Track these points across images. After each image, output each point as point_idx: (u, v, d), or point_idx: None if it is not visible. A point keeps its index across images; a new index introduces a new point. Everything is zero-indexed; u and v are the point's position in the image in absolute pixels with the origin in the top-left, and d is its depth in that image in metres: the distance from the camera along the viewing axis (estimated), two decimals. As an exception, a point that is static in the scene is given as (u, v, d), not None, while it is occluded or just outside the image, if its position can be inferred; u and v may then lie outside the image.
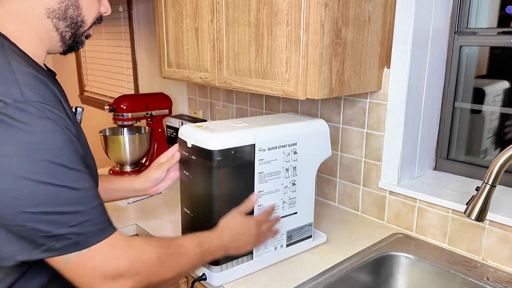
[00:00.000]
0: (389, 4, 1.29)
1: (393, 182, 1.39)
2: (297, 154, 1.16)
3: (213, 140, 1.01)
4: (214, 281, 1.08)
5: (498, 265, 1.18)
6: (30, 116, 0.67)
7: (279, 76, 1.22)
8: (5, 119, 0.66)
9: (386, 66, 1.35)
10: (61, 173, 0.69)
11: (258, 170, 1.08)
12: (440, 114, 1.46)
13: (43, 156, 0.68)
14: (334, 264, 1.17)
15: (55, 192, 0.68)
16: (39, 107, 0.68)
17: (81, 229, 0.70)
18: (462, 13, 1.37)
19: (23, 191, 0.66)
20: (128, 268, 0.74)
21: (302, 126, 1.19)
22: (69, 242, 0.69)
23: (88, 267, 0.71)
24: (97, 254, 0.72)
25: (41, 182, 0.67)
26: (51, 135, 0.69)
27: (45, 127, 0.68)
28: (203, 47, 1.49)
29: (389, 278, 1.26)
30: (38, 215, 0.67)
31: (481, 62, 1.39)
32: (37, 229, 0.68)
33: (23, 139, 0.66)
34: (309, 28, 1.13)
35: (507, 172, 1.29)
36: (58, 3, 0.80)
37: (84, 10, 0.85)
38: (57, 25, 0.82)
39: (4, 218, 0.67)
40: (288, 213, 1.18)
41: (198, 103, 2.16)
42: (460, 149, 1.45)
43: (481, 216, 1.02)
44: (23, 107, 0.67)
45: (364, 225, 1.43)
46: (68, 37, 0.85)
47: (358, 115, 1.46)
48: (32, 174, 0.67)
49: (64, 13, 0.82)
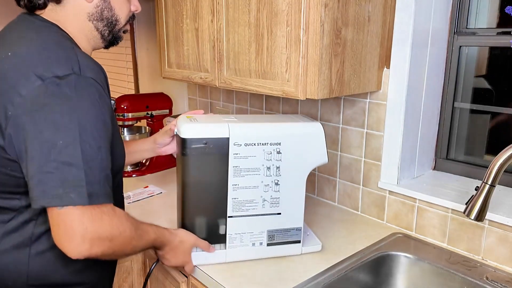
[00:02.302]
0: (389, 4, 1.30)
1: (392, 182, 1.40)
2: (281, 154, 1.15)
3: (186, 129, 1.08)
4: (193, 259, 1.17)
5: (498, 265, 1.19)
6: (82, 85, 0.83)
7: (279, 76, 1.23)
8: (63, 84, 0.81)
9: (386, 66, 1.35)
10: (92, 137, 0.82)
11: (232, 164, 1.11)
12: (440, 114, 1.46)
13: (82, 119, 0.81)
14: (334, 264, 1.18)
15: (83, 150, 0.80)
16: (91, 81, 0.85)
17: (92, 188, 0.81)
18: (462, 13, 1.37)
19: (59, 142, 0.79)
20: (106, 234, 0.84)
21: (290, 127, 1.16)
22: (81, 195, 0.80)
23: (76, 221, 0.80)
24: (89, 213, 0.81)
25: (75, 138, 0.80)
26: (93, 106, 0.84)
27: (91, 98, 0.84)
28: (203, 47, 1.49)
29: (389, 277, 1.26)
30: (64, 165, 0.79)
31: (480, 62, 1.39)
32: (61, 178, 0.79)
33: (72, 102, 0.81)
34: (309, 28, 1.13)
35: (507, 172, 1.29)
36: (94, 7, 0.97)
37: (117, 11, 1.02)
38: (97, 25, 1.00)
39: (40, 164, 0.79)
40: (270, 212, 1.18)
41: (198, 103, 2.16)
42: (459, 149, 1.46)
43: (480, 216, 1.03)
44: (78, 78, 0.83)
45: (363, 225, 1.43)
46: (107, 34, 1.03)
47: (358, 115, 1.46)
48: (69, 130, 0.80)
49: (101, 15, 0.99)
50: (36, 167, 0.79)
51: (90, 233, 0.81)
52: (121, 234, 0.87)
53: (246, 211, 1.17)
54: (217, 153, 1.10)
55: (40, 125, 0.80)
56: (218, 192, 1.14)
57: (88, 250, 0.81)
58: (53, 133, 0.79)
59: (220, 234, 1.17)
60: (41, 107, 0.80)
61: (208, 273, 1.14)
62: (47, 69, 0.82)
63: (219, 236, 1.17)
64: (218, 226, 1.17)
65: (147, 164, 2.00)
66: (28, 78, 0.81)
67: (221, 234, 1.17)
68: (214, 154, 1.10)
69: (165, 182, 1.84)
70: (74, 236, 0.80)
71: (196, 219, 1.16)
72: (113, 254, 0.88)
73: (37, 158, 0.79)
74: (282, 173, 1.17)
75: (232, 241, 1.17)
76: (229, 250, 1.18)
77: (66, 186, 0.79)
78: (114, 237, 0.85)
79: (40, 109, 0.80)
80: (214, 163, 1.11)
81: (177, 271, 1.30)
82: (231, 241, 1.17)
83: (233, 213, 1.16)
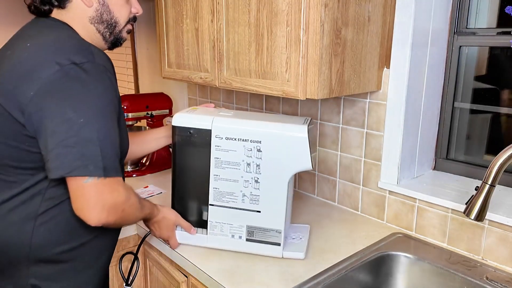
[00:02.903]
0: (389, 4, 1.30)
1: (392, 182, 1.40)
2: (261, 153, 1.16)
3: (176, 117, 1.21)
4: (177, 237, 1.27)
5: (498, 265, 1.19)
6: (97, 72, 0.93)
7: (279, 76, 1.23)
8: (80, 70, 0.91)
9: (386, 66, 1.35)
10: (106, 118, 0.93)
11: (214, 155, 1.19)
12: (440, 114, 1.46)
13: (97, 101, 0.92)
14: (334, 264, 1.18)
15: (99, 129, 0.90)
16: (104, 69, 0.95)
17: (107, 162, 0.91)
18: (462, 13, 1.37)
19: (80, 120, 0.88)
20: (120, 204, 0.94)
21: (271, 127, 1.15)
22: (98, 167, 0.89)
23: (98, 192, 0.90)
24: (107, 187, 0.91)
25: (92, 118, 0.90)
26: (107, 90, 0.94)
27: (104, 83, 0.94)
28: (203, 47, 1.49)
29: (389, 277, 1.26)
30: (83, 140, 0.88)
31: (480, 62, 1.39)
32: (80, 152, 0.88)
33: (89, 85, 0.91)
34: (309, 28, 1.13)
35: (507, 172, 1.29)
36: (94, 11, 1.05)
37: (116, 13, 1.08)
38: (98, 28, 1.07)
39: (61, 139, 0.88)
40: (249, 208, 1.20)
41: (198, 103, 2.16)
42: (459, 149, 1.46)
43: (480, 216, 1.03)
44: (93, 65, 0.93)
45: (363, 225, 1.43)
46: (108, 36, 1.10)
47: (358, 115, 1.46)
48: (88, 110, 0.90)
49: (100, 18, 1.06)
50: (57, 141, 0.88)
51: (108, 203, 0.91)
52: (131, 205, 0.99)
53: (226, 202, 1.22)
54: (201, 143, 1.19)
55: (61, 105, 0.89)
56: (201, 180, 1.22)
57: (106, 218, 0.92)
58: (73, 112, 0.88)
59: (203, 220, 1.24)
60: (62, 89, 0.89)
61: (208, 273, 1.14)
62: (64, 56, 0.91)
63: (202, 222, 1.25)
64: (202, 212, 1.24)
65: (147, 164, 2.00)
66: (47, 64, 0.90)
67: (204, 220, 1.24)
68: (199, 144, 1.20)
69: (165, 182, 1.84)
70: (95, 206, 0.90)
71: (183, 203, 1.26)
72: (121, 222, 1.00)
73: (58, 133, 0.88)
74: (262, 172, 1.17)
75: (213, 229, 1.23)
76: (210, 236, 1.24)
77: (84, 159, 0.88)
78: (126, 207, 0.96)
79: (61, 90, 0.89)
80: (199, 152, 1.20)
81: (177, 271, 1.30)
82: (212, 228, 1.23)
83: (214, 202, 1.22)
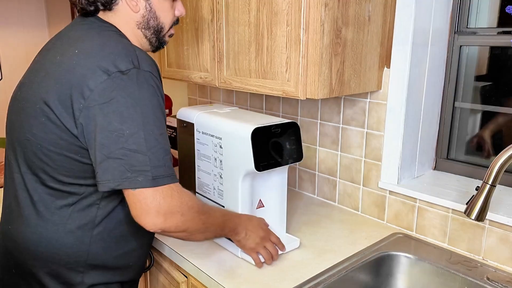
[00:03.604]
0: (389, 3, 1.29)
1: (393, 182, 1.39)
2: (222, 149, 1.19)
3: (179, 111, 1.36)
4: None
5: (498, 265, 1.18)
6: (142, 79, 0.92)
7: (279, 76, 1.23)
8: (126, 78, 0.90)
9: (386, 66, 1.35)
10: (153, 126, 0.91)
11: (196, 147, 1.30)
12: (440, 114, 1.46)
13: (144, 109, 0.90)
14: (334, 264, 1.17)
15: (146, 139, 0.89)
16: (149, 75, 0.94)
17: (157, 171, 0.90)
18: (462, 13, 1.37)
19: (126, 132, 0.88)
20: (177, 208, 0.93)
21: (229, 125, 1.17)
22: (148, 178, 0.89)
23: (150, 199, 0.90)
24: (160, 192, 0.90)
25: (139, 128, 0.89)
26: (153, 96, 0.93)
27: (150, 90, 0.93)
28: (203, 47, 1.49)
29: (389, 278, 1.26)
30: (131, 152, 0.88)
31: (481, 62, 1.39)
32: (129, 163, 0.88)
33: (135, 94, 0.90)
34: (309, 28, 1.13)
35: (507, 172, 1.29)
36: (141, 17, 1.05)
37: (162, 19, 1.09)
38: (145, 33, 1.08)
39: (110, 151, 0.88)
40: (217, 201, 1.25)
41: (198, 103, 2.16)
42: (460, 149, 1.45)
43: (481, 216, 1.02)
44: (138, 72, 0.92)
45: (364, 225, 1.43)
46: (154, 41, 1.11)
47: (358, 115, 1.46)
48: (134, 120, 0.89)
49: (147, 24, 1.07)
50: (106, 154, 0.88)
51: (163, 208, 0.91)
52: (190, 209, 0.96)
53: (205, 192, 1.30)
54: (190, 135, 1.30)
55: (108, 116, 0.88)
56: (192, 168, 1.33)
57: (163, 223, 0.91)
58: (120, 123, 0.88)
59: None
60: (109, 100, 0.89)
61: (208, 273, 1.13)
62: (111, 64, 0.90)
63: None
64: None
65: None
66: (95, 73, 0.90)
67: None
68: (190, 135, 1.30)
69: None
70: (150, 211, 0.90)
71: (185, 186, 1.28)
72: (186, 230, 0.97)
73: (106, 146, 0.88)
74: (224, 168, 1.20)
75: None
76: None
77: (133, 170, 0.88)
78: (184, 211, 0.94)
79: (108, 102, 0.89)
80: (190, 143, 1.31)
81: (177, 271, 1.29)
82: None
83: (198, 191, 1.32)
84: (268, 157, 1.12)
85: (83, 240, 1.00)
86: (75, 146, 0.93)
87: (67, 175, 0.97)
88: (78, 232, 0.99)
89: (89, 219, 1.00)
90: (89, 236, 1.00)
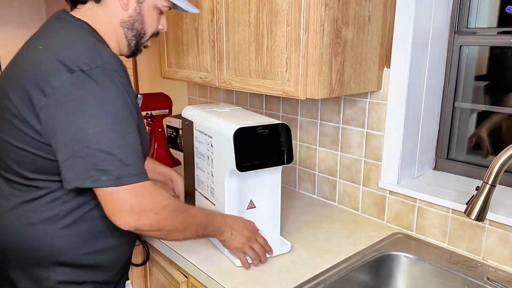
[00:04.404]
0: (389, 3, 1.29)
1: (393, 182, 1.39)
2: (213, 148, 1.19)
3: (184, 109, 1.39)
4: None
5: (498, 265, 1.18)
6: (106, 78, 0.91)
7: (279, 76, 1.22)
8: (88, 77, 0.89)
9: (386, 66, 1.35)
10: (119, 124, 0.91)
11: (195, 145, 1.31)
12: (440, 114, 1.46)
13: (109, 108, 0.90)
14: (334, 264, 1.17)
15: (111, 138, 0.89)
16: (114, 74, 0.92)
17: (123, 170, 0.89)
18: (462, 13, 1.37)
19: (89, 131, 0.87)
20: (150, 207, 0.93)
21: (218, 124, 1.18)
22: (112, 177, 0.88)
23: (121, 199, 0.90)
24: (130, 191, 0.90)
25: (103, 127, 0.88)
26: (118, 95, 0.92)
27: (114, 88, 0.91)
28: (203, 47, 1.49)
29: (389, 278, 1.26)
30: (95, 151, 0.87)
31: (481, 62, 1.39)
32: (93, 162, 0.87)
33: (98, 93, 0.89)
34: (309, 28, 1.13)
35: (507, 172, 1.29)
36: (128, 16, 1.06)
37: (147, 25, 1.10)
38: (126, 33, 1.08)
39: (73, 150, 0.88)
40: (210, 199, 1.26)
41: (198, 103, 2.16)
42: (460, 149, 1.45)
43: (481, 216, 1.02)
44: (102, 71, 0.91)
45: (364, 225, 1.43)
46: (133, 44, 1.11)
47: (358, 115, 1.46)
48: (99, 119, 0.88)
49: (132, 25, 1.07)
50: (70, 152, 0.88)
51: (136, 207, 0.91)
52: (164, 208, 0.96)
53: (202, 189, 1.31)
54: (191, 132, 1.32)
55: (71, 115, 0.88)
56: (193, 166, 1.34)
57: (136, 221, 0.91)
58: (83, 122, 0.88)
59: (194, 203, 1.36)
60: (72, 99, 0.89)
61: (208, 273, 1.13)
62: (74, 62, 0.90)
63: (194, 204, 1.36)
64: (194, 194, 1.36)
65: (147, 164, 1.99)
66: (57, 70, 0.90)
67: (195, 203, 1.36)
68: (191, 133, 1.32)
69: (165, 182, 1.83)
70: (122, 210, 0.90)
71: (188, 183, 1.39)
72: (162, 229, 0.97)
73: (70, 145, 0.88)
74: (214, 167, 1.20)
75: None
76: None
77: (97, 169, 0.88)
78: (158, 210, 0.94)
79: (71, 100, 0.89)
80: (192, 141, 1.32)
81: (177, 271, 1.29)
82: None
83: (197, 187, 1.33)
84: (252, 158, 1.11)
85: (46, 234, 0.98)
86: (39, 143, 0.93)
87: (33, 171, 0.96)
88: (40, 225, 0.98)
89: (53, 213, 0.98)
90: (52, 230, 0.98)
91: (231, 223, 1.14)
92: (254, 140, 1.11)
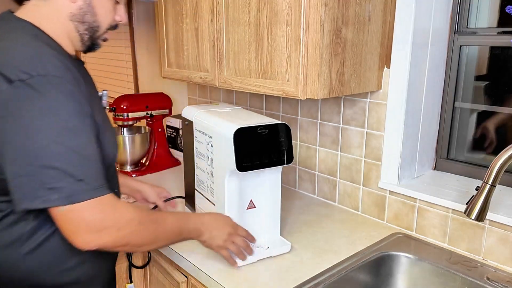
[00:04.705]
0: (389, 3, 1.29)
1: (393, 182, 1.39)
2: (213, 148, 1.20)
3: (184, 109, 1.40)
4: None
5: (498, 265, 1.18)
6: (48, 86, 0.82)
7: (279, 76, 1.22)
8: (29, 87, 0.81)
9: (386, 66, 1.35)
10: (67, 136, 0.82)
11: (195, 145, 1.32)
12: (440, 114, 1.46)
13: (53, 119, 0.81)
14: (334, 264, 1.17)
15: (58, 152, 0.81)
16: (58, 80, 0.83)
17: (75, 186, 0.82)
18: (462, 13, 1.37)
19: (34, 146, 0.80)
20: (111, 223, 0.86)
21: (217, 125, 1.17)
22: (63, 195, 0.81)
23: (76, 218, 0.83)
24: (86, 209, 0.83)
25: (48, 141, 0.80)
26: (63, 103, 0.83)
27: (60, 96, 0.83)
28: (203, 47, 1.49)
29: (389, 278, 1.26)
30: (42, 168, 0.80)
31: (481, 62, 1.39)
32: (40, 181, 0.80)
33: (40, 104, 0.81)
34: (309, 28, 1.13)
35: (507, 172, 1.29)
36: (77, 9, 0.96)
37: (99, 17, 0.99)
38: (78, 27, 0.98)
39: (19, 168, 0.80)
40: (210, 199, 1.27)
41: (198, 103, 2.16)
42: (460, 149, 1.45)
43: (481, 216, 1.02)
44: (43, 79, 0.82)
45: (364, 225, 1.43)
46: (86, 39, 1.01)
47: (358, 115, 1.46)
48: (42, 133, 0.80)
49: (82, 18, 0.97)
50: (15, 171, 0.81)
51: (94, 224, 0.84)
52: (129, 223, 0.89)
53: (202, 190, 1.31)
54: (191, 132, 1.33)
55: (11, 131, 0.81)
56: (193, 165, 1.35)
57: (97, 240, 0.85)
58: (25, 137, 0.80)
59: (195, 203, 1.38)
60: (10, 113, 0.81)
61: (208, 273, 1.13)
62: (12, 71, 0.82)
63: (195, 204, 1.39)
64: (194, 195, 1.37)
65: (147, 164, 1.99)
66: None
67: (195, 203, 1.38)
68: (191, 133, 1.32)
69: (165, 182, 1.83)
70: (79, 230, 0.83)
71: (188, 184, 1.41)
72: (128, 244, 0.91)
73: (14, 163, 0.81)
74: (214, 167, 1.20)
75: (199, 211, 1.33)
76: None
77: (45, 188, 0.80)
78: (120, 226, 0.88)
79: (9, 115, 0.81)
80: (191, 141, 1.33)
81: (177, 271, 1.29)
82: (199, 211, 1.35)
83: (197, 187, 1.34)
84: (251, 158, 1.10)
85: (13, 259, 0.91)
86: None
87: None
88: (6, 250, 0.91)
89: (16, 236, 0.91)
90: (18, 254, 0.91)
91: (208, 222, 1.10)
92: (254, 140, 1.11)
